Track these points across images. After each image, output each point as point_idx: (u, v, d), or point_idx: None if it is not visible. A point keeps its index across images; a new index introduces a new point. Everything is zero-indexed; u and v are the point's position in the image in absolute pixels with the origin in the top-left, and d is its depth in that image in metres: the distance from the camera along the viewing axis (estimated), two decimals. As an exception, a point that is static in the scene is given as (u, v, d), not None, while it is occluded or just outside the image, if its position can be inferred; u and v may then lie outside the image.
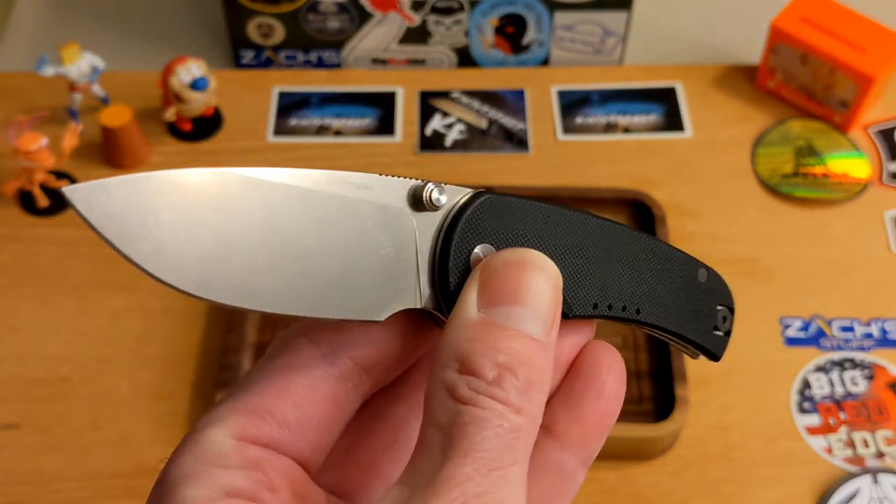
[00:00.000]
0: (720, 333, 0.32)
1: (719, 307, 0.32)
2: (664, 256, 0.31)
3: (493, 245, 0.27)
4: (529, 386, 0.24)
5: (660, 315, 0.30)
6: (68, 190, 0.22)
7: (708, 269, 0.32)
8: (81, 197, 0.22)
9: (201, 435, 0.24)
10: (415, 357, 0.28)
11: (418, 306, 0.26)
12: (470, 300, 0.25)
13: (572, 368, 0.28)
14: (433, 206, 0.26)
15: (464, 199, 0.27)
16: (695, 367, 0.67)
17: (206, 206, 0.23)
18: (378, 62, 0.88)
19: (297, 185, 0.25)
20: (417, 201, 0.26)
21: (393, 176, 0.27)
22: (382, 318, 0.25)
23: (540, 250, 0.26)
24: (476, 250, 0.26)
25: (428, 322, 0.27)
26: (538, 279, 0.25)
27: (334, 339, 0.26)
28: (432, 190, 0.26)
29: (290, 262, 0.24)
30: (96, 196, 0.22)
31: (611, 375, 0.28)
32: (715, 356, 0.32)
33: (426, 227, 0.26)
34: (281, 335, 0.27)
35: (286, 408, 0.25)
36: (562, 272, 0.27)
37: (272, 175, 0.24)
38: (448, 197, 0.27)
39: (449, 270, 0.26)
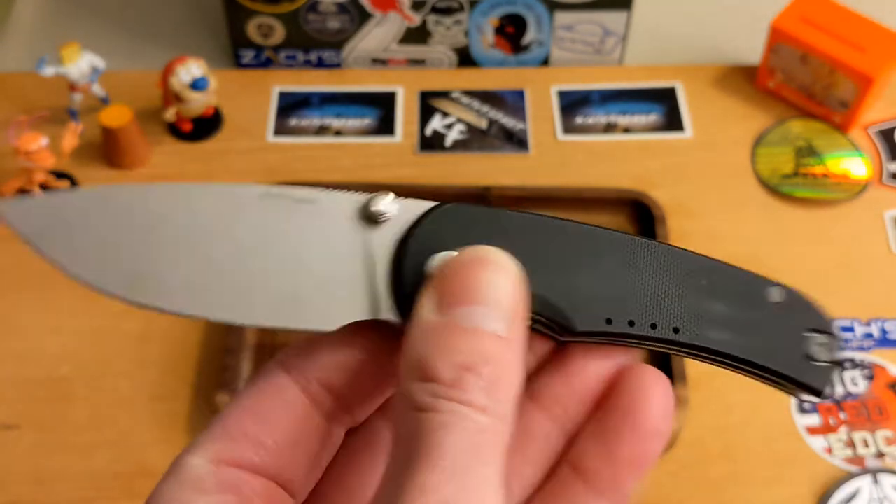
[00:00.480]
0: (820, 364, 0.27)
1: (809, 333, 0.28)
2: (706, 268, 0.28)
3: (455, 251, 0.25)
4: (495, 384, 0.22)
5: (707, 336, 0.27)
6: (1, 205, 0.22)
7: (786, 287, 0.28)
8: (9, 209, 0.24)
9: (180, 462, 0.24)
10: (390, 384, 0.27)
11: (378, 317, 0.25)
12: (427, 305, 0.24)
13: (607, 398, 0.26)
14: (381, 216, 0.26)
15: (424, 210, 0.26)
16: (695, 367, 0.67)
17: (137, 218, 0.24)
18: (378, 62, 0.88)
19: (234, 195, 0.25)
20: (366, 213, 0.26)
21: (346, 191, 0.26)
22: (333, 328, 0.25)
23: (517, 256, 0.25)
24: (437, 258, 0.25)
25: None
26: (495, 275, 0.24)
27: (303, 363, 0.26)
28: (378, 204, 0.26)
29: (223, 269, 0.24)
30: (25, 210, 0.23)
31: (652, 406, 0.26)
32: (816, 391, 0.27)
33: (382, 239, 0.26)
34: (260, 369, 0.27)
35: (261, 430, 0.25)
36: (542, 277, 0.25)
37: (209, 188, 0.24)
38: (405, 208, 0.26)
39: (403, 276, 0.25)
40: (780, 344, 0.27)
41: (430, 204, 0.26)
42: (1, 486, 0.64)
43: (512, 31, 0.86)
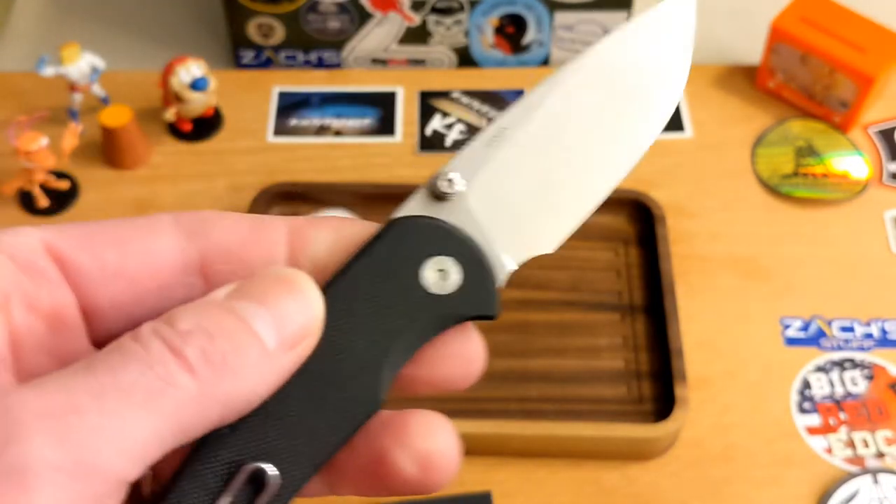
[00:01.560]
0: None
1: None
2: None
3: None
4: (222, 363, 0.20)
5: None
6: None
7: None
8: None
9: (15, 231, 0.23)
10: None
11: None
12: (220, 291, 0.23)
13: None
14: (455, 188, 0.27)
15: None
16: (695, 368, 0.67)
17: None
18: (378, 62, 0.88)
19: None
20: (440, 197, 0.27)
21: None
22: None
23: None
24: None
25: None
26: (295, 296, 0.23)
27: (199, 227, 0.25)
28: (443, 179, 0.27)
29: None
30: None
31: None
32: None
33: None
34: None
35: (114, 251, 0.24)
36: None
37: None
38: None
39: None
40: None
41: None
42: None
43: (512, 31, 0.86)
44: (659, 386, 0.67)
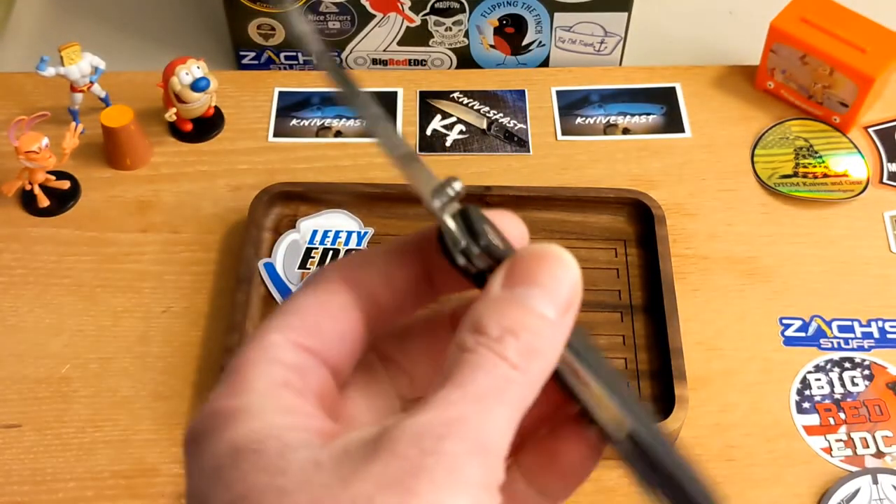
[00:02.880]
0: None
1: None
2: None
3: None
4: (530, 351, 0.26)
5: None
6: None
7: None
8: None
9: (264, 337, 0.28)
10: (412, 310, 0.31)
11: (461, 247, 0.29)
12: (496, 282, 0.28)
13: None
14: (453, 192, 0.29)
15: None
16: (695, 367, 0.67)
17: None
18: (378, 63, 0.88)
19: None
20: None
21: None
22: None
23: None
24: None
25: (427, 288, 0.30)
26: (558, 269, 0.28)
27: (357, 274, 0.30)
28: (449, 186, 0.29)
29: None
30: None
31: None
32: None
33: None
34: (316, 273, 0.30)
35: (324, 324, 0.29)
36: None
37: None
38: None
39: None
40: None
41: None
42: (1, 486, 0.64)
43: (512, 32, 0.86)
44: (659, 386, 0.67)
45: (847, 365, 0.69)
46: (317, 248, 0.74)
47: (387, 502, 0.23)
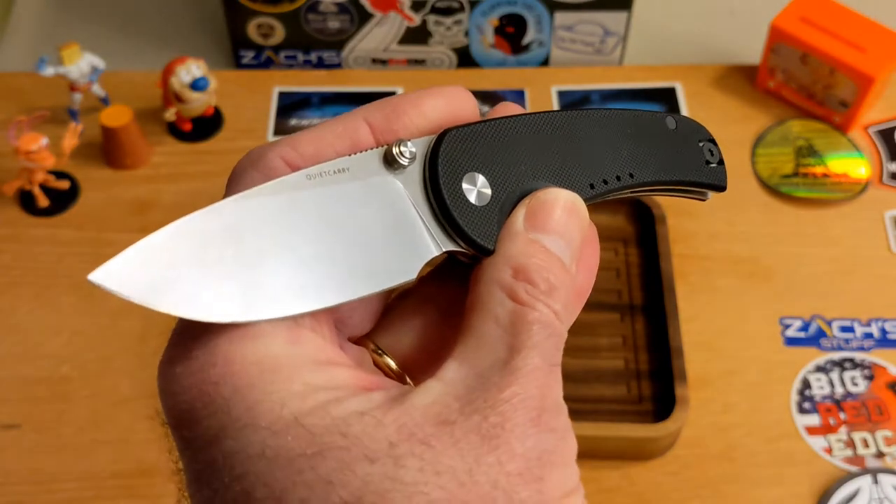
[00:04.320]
0: (714, 165, 0.34)
1: (700, 143, 0.34)
2: (631, 121, 0.32)
3: (478, 171, 0.29)
4: (567, 304, 0.28)
5: (651, 171, 0.32)
6: (94, 277, 0.25)
7: (675, 115, 0.34)
8: (106, 277, 0.25)
9: (263, 154, 0.28)
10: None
11: (440, 252, 0.28)
12: (519, 219, 0.28)
13: None
14: (405, 159, 0.28)
15: (433, 143, 0.28)
16: (695, 368, 0.67)
17: (217, 244, 0.25)
18: (378, 62, 0.88)
19: (284, 195, 0.26)
20: (391, 162, 0.28)
21: (361, 151, 0.28)
22: (414, 276, 0.27)
23: (518, 158, 0.29)
24: (464, 182, 0.28)
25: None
26: (575, 219, 0.29)
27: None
28: (399, 146, 0.28)
29: (309, 264, 0.26)
30: (118, 272, 0.25)
31: None
32: (720, 187, 0.34)
33: (412, 182, 0.28)
34: None
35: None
36: (547, 168, 0.30)
37: (258, 194, 0.26)
38: (418, 148, 0.28)
39: (450, 208, 0.28)
40: (688, 158, 0.33)
41: (432, 137, 0.29)
42: (1, 486, 0.64)
43: (512, 31, 0.86)
44: (659, 386, 0.67)
45: (847, 365, 0.69)
46: (316, 248, 0.74)
47: (521, 492, 0.23)
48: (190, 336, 0.26)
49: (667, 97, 0.85)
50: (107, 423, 0.67)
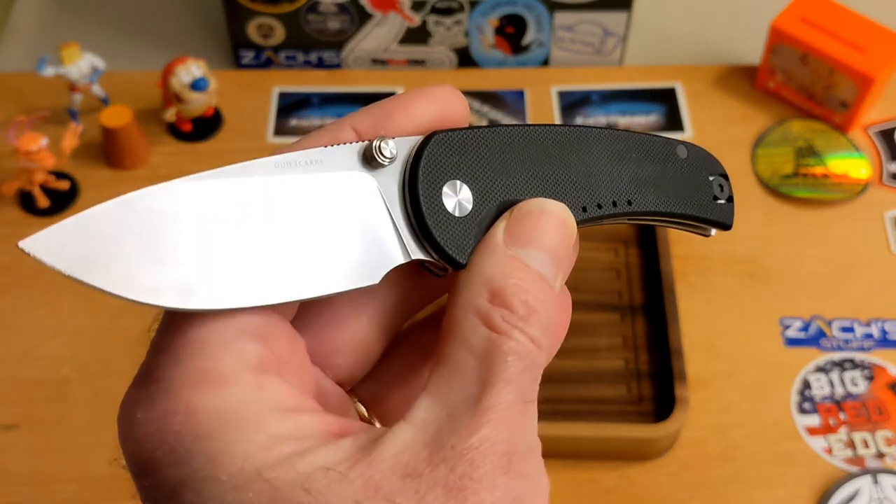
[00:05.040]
0: (722, 201, 0.32)
1: (711, 177, 0.32)
2: (637, 144, 0.30)
3: (461, 180, 0.27)
4: (546, 328, 0.26)
5: (652, 200, 0.30)
6: (25, 245, 0.24)
7: (687, 144, 0.32)
8: (37, 246, 0.24)
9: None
10: (428, 301, 0.30)
11: (408, 259, 0.26)
12: (498, 234, 0.27)
13: None
14: (385, 158, 0.26)
15: (418, 144, 0.27)
16: (695, 368, 0.67)
17: (164, 223, 0.24)
18: (378, 62, 0.88)
19: (246, 178, 0.25)
20: (370, 159, 0.26)
21: (341, 144, 0.27)
22: (377, 282, 0.26)
23: (507, 170, 0.27)
24: (445, 189, 0.27)
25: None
26: (559, 231, 0.27)
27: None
28: (380, 143, 0.26)
29: (260, 256, 0.24)
30: (52, 242, 0.24)
31: None
32: (725, 225, 0.32)
33: (388, 183, 0.27)
34: None
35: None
36: (537, 184, 0.28)
37: (219, 175, 0.25)
38: (401, 148, 0.27)
39: (425, 216, 0.26)
40: (694, 191, 0.31)
41: (419, 138, 0.27)
42: (1, 486, 0.64)
43: (512, 32, 0.86)
44: (659, 386, 0.67)
45: (847, 365, 0.69)
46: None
47: None
48: (153, 379, 0.24)
49: (667, 97, 0.85)
50: (106, 423, 0.67)
